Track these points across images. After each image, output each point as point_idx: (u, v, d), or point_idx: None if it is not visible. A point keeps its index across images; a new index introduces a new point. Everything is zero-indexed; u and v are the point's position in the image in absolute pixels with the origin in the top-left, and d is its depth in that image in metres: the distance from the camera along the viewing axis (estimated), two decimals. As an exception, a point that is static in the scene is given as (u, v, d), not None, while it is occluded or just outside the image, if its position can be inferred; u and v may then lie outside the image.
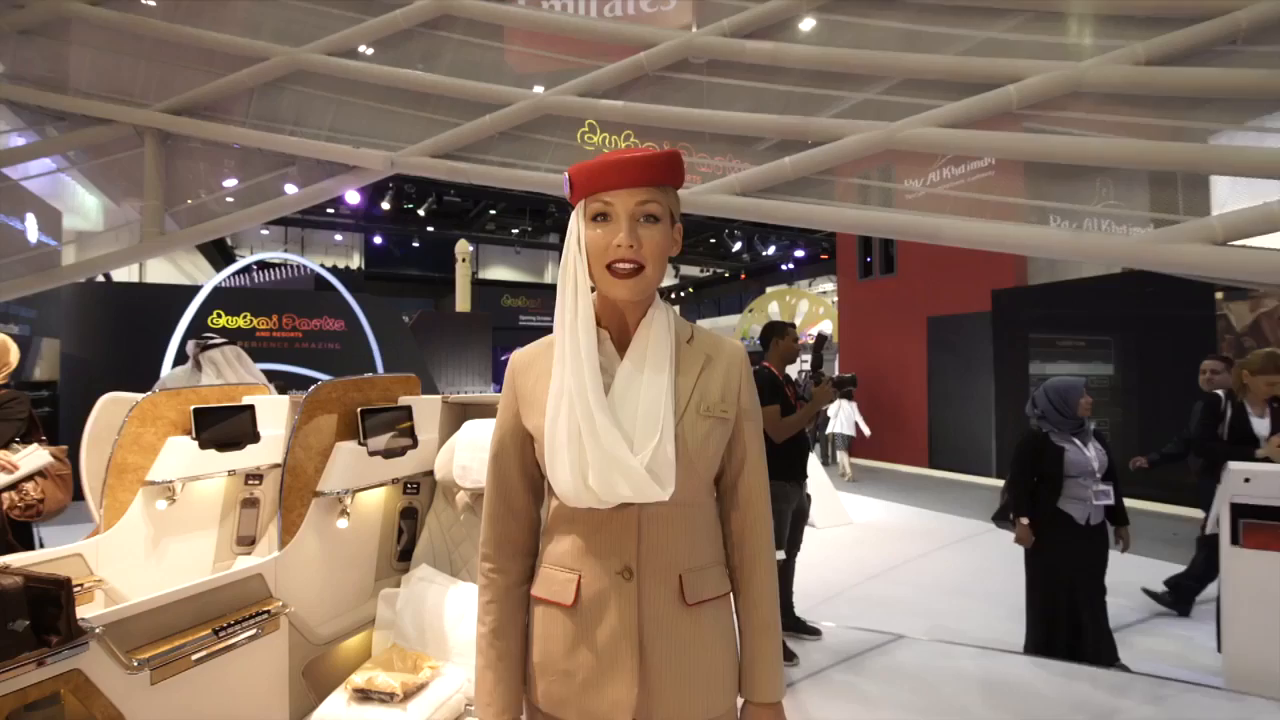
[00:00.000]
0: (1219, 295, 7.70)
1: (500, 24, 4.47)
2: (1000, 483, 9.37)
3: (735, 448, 1.13)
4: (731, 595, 1.15)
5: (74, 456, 2.71)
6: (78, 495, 2.62)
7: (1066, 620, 3.51)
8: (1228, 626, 3.43)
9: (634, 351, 1.08)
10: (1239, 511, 3.37)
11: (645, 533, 1.06)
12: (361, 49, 4.64)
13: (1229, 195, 3.21)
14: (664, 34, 4.11)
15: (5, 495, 2.51)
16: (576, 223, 1.05)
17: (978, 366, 10.42)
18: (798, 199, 3.82)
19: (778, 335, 3.62)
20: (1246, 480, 3.35)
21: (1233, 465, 3.42)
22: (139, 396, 2.48)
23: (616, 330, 1.11)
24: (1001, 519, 3.62)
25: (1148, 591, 4.30)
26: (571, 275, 1.05)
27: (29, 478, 2.56)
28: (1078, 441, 3.46)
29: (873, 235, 11.30)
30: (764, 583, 1.13)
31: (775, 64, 3.92)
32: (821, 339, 6.02)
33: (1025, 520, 3.45)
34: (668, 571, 1.06)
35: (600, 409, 1.01)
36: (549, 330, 1.11)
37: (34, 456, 2.59)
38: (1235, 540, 3.40)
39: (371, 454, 2.22)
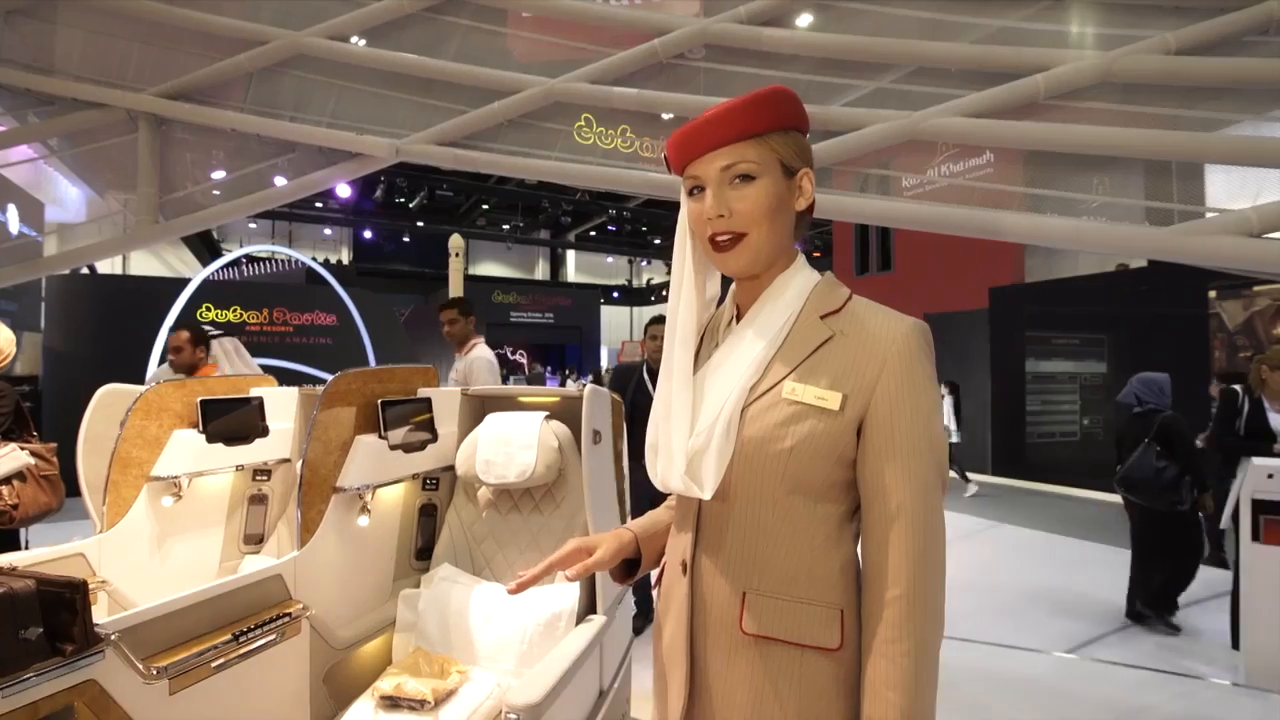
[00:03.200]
0: (1212, 294, 7.69)
1: (507, 9, 4.36)
2: (1000, 481, 9.44)
3: (868, 460, 0.86)
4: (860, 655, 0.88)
5: (62, 454, 2.53)
6: (73, 492, 2.46)
7: None
8: (1247, 623, 3.41)
9: (742, 325, 0.97)
10: (1260, 508, 3.36)
11: (703, 529, 0.94)
12: (362, 36, 4.51)
13: (1234, 187, 3.17)
14: (679, 21, 4.01)
15: None
16: (683, 198, 0.98)
17: (974, 364, 10.43)
18: (819, 190, 3.73)
19: None
20: (1270, 476, 3.33)
21: (1255, 461, 3.40)
22: (140, 388, 2.35)
23: (747, 306, 1.00)
24: (1171, 499, 3.83)
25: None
26: (679, 250, 0.99)
27: (6, 480, 2.33)
28: None
29: (902, 228, 11.21)
30: (895, 632, 0.83)
31: (792, 52, 3.84)
32: None
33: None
34: (727, 584, 0.91)
35: (682, 389, 0.94)
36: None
37: (10, 458, 2.34)
38: (1256, 536, 3.38)
39: (392, 448, 2.12)
